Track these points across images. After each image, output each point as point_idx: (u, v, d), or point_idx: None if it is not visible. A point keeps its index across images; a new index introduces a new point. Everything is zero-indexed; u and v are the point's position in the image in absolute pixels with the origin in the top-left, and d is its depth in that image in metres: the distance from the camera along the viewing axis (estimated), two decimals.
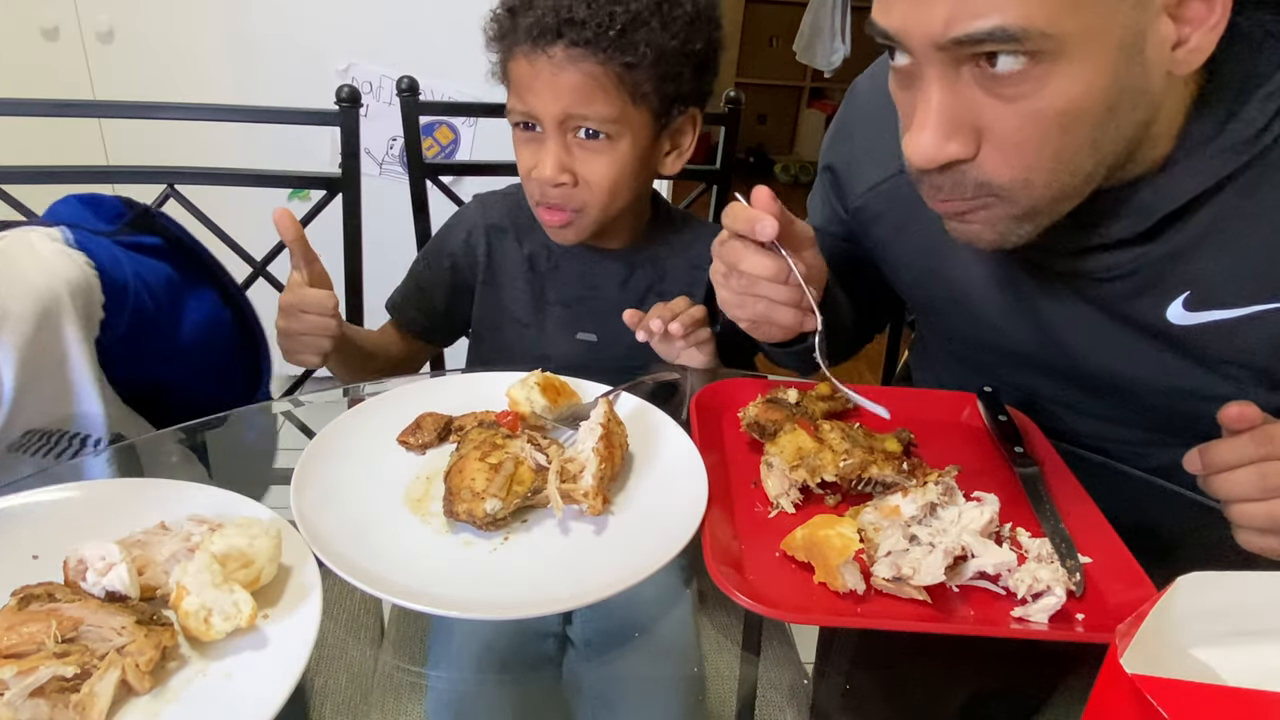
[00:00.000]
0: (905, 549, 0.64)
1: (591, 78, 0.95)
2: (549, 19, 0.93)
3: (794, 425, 0.77)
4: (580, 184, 1.00)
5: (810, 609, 0.63)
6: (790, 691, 0.61)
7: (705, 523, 0.68)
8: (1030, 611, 0.61)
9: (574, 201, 1.01)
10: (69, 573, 0.60)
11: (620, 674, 0.64)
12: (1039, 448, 0.82)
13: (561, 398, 0.85)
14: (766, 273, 0.77)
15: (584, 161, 0.99)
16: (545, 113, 0.97)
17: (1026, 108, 0.63)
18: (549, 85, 0.95)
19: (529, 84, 0.96)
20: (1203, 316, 0.76)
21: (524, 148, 1.02)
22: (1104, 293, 0.80)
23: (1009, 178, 0.67)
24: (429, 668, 0.62)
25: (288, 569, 0.62)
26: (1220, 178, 0.70)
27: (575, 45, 0.93)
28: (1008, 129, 0.64)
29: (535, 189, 1.02)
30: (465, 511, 0.68)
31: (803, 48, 4.22)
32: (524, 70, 0.97)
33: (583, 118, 0.96)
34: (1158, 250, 0.75)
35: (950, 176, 0.68)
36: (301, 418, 0.95)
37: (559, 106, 0.96)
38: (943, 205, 0.72)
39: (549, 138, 0.98)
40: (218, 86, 2.10)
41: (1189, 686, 0.38)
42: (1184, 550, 0.80)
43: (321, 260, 1.01)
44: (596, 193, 1.01)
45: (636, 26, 0.94)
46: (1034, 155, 0.65)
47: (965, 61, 0.63)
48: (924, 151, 0.66)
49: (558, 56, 0.94)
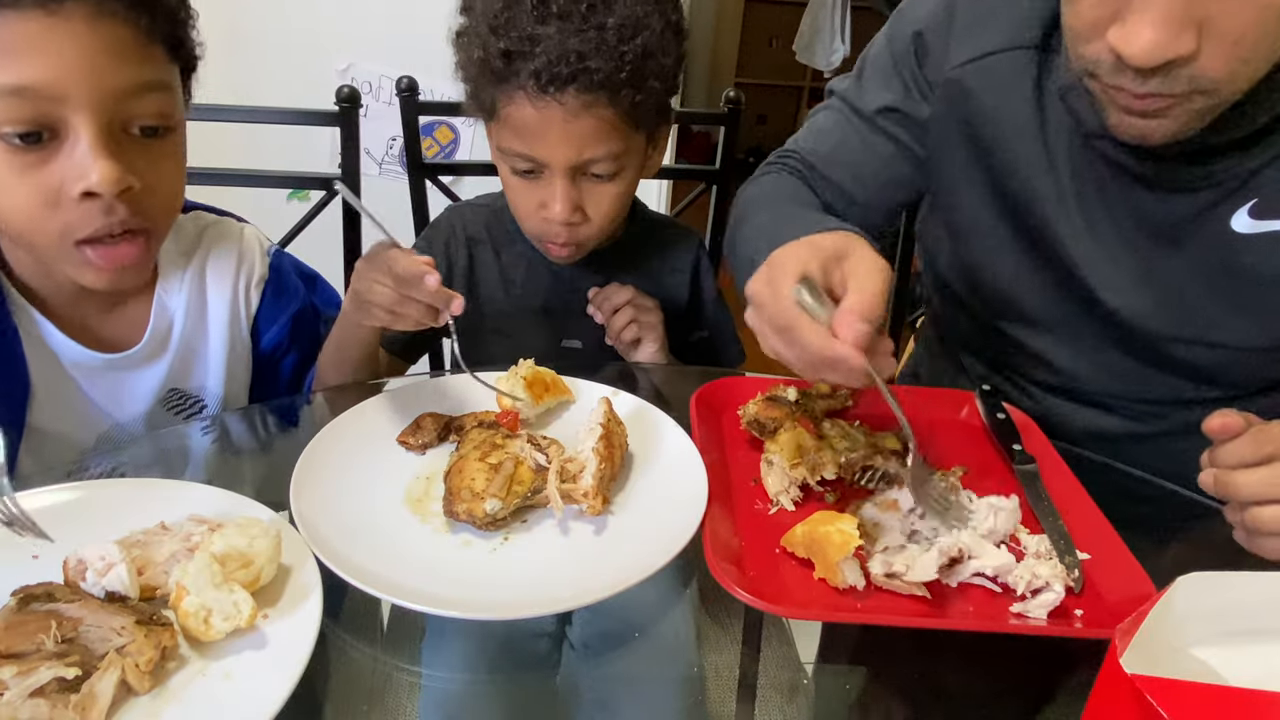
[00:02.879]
0: (901, 545, 0.64)
1: (605, 121, 0.91)
2: (561, 68, 0.87)
3: (795, 423, 0.77)
4: (586, 217, 0.98)
5: (810, 605, 0.63)
6: (790, 691, 0.60)
7: (706, 520, 0.68)
8: (1029, 607, 0.62)
9: (580, 235, 1.00)
10: (68, 573, 0.60)
11: (619, 675, 0.64)
12: (1037, 446, 0.82)
13: (550, 394, 0.85)
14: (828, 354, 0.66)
15: (592, 196, 0.97)
16: (555, 159, 0.93)
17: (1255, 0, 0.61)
18: (562, 133, 0.91)
19: (537, 131, 0.91)
20: (1266, 225, 0.76)
21: (525, 189, 0.98)
22: (1183, 205, 0.79)
23: (1224, 71, 0.65)
24: (422, 665, 0.62)
25: (287, 569, 0.62)
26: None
27: (588, 91, 0.89)
28: (1235, 21, 0.62)
29: (543, 229, 1.00)
30: (465, 511, 0.68)
31: (803, 48, 4.22)
32: (529, 117, 0.91)
33: (593, 160, 0.94)
34: (1247, 160, 0.75)
35: (1163, 73, 0.65)
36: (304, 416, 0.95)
37: (573, 153, 0.92)
38: (1139, 103, 0.69)
39: (556, 178, 0.94)
40: (218, 86, 2.10)
41: (1189, 686, 0.38)
42: (1182, 548, 0.80)
43: (321, 260, 1.01)
44: (602, 223, 0.99)
45: (645, 60, 0.91)
46: (1252, 47, 0.64)
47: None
48: (1150, 47, 0.63)
49: (570, 104, 0.89)
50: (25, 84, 0.68)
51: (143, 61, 0.74)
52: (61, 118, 0.70)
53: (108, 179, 0.71)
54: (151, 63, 0.75)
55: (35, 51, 0.68)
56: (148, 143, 0.76)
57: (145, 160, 0.75)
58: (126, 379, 0.89)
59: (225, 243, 0.94)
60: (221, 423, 0.91)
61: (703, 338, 1.18)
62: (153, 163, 0.76)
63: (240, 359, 0.95)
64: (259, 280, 0.96)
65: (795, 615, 0.64)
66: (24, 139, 0.70)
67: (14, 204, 0.72)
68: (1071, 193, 0.85)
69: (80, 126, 0.71)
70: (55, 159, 0.71)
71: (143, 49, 0.74)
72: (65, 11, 0.69)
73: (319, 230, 1.31)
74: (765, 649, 0.64)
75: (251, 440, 0.91)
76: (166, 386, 0.90)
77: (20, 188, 0.71)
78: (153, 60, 0.76)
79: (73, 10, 0.69)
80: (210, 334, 0.93)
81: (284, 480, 0.70)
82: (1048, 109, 0.84)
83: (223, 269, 0.93)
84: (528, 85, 0.89)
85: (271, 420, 0.94)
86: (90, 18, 0.70)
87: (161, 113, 0.76)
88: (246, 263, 0.95)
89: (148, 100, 0.75)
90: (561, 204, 0.95)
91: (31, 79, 0.68)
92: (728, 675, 0.62)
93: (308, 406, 0.97)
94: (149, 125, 0.75)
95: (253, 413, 0.95)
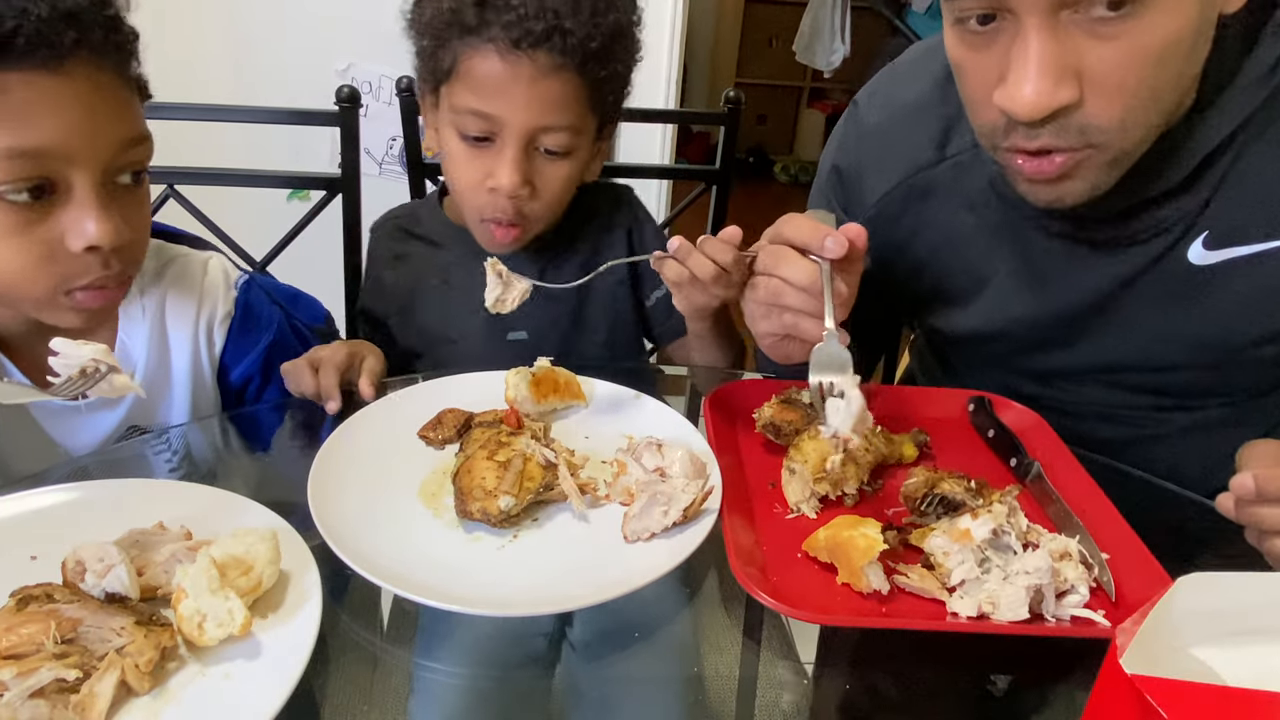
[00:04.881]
0: (977, 577, 0.63)
1: (569, 88, 0.91)
2: (536, 24, 0.86)
3: (817, 430, 0.76)
4: (534, 194, 0.95)
5: (835, 610, 0.63)
6: (790, 691, 0.60)
7: (726, 524, 0.68)
8: (1055, 610, 0.61)
9: (526, 212, 0.96)
10: (67, 574, 0.60)
11: (619, 675, 0.64)
12: (1048, 446, 0.81)
13: (556, 394, 0.85)
14: (802, 279, 0.75)
15: (541, 172, 0.95)
16: (515, 120, 0.90)
17: (1129, 45, 0.63)
18: (526, 92, 0.89)
19: (500, 88, 0.89)
20: (1223, 254, 0.76)
21: (472, 158, 0.94)
22: (1137, 255, 0.80)
23: (1110, 119, 0.66)
24: (422, 664, 0.62)
25: (288, 574, 0.62)
26: (1245, 116, 0.71)
27: (559, 54, 0.88)
28: (1110, 69, 0.64)
29: (488, 202, 0.96)
30: (480, 510, 0.68)
31: (803, 48, 4.22)
32: (495, 71, 0.88)
33: (551, 129, 0.92)
34: (1192, 199, 0.75)
35: (1053, 124, 0.67)
36: None
37: (531, 115, 0.90)
38: (1034, 164, 0.70)
39: (508, 146, 0.91)
40: (218, 86, 2.10)
41: (1189, 686, 0.37)
42: (1184, 550, 0.80)
43: (321, 260, 1.00)
44: (549, 204, 0.97)
45: (614, 40, 0.91)
46: (1133, 94, 0.65)
47: (1066, 5, 0.63)
48: (1031, 100, 0.65)
49: (540, 63, 0.88)
50: (32, 146, 0.68)
51: (132, 114, 0.76)
52: (62, 174, 0.70)
53: (108, 233, 0.72)
54: (135, 112, 0.76)
55: (41, 113, 0.68)
56: (131, 190, 0.77)
57: (130, 208, 0.76)
58: (86, 420, 0.87)
59: (185, 281, 0.92)
60: (224, 425, 0.91)
61: (661, 297, 1.13)
62: (135, 209, 0.77)
63: (205, 396, 0.93)
64: (223, 318, 0.94)
65: (820, 620, 0.64)
66: (27, 195, 0.69)
67: (6, 258, 0.71)
68: (1024, 276, 0.87)
69: (78, 181, 0.71)
70: (52, 214, 0.71)
71: (129, 100, 0.76)
72: (68, 70, 0.69)
73: (319, 230, 1.31)
74: (765, 649, 0.64)
75: (252, 441, 0.91)
76: (126, 425, 0.89)
77: (14, 243, 0.71)
78: (134, 109, 0.76)
79: (74, 68, 0.69)
80: (174, 373, 0.91)
81: (284, 481, 0.70)
82: (978, 209, 0.87)
83: (183, 309, 0.91)
84: (499, 38, 0.87)
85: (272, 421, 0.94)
86: (91, 74, 0.71)
87: (144, 161, 0.78)
88: (208, 302, 0.93)
89: (135, 151, 0.76)
90: (512, 172, 0.91)
91: (39, 141, 0.68)
92: (728, 675, 0.62)
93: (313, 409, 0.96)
94: (134, 173, 0.76)
95: (254, 414, 0.95)
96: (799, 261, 0.76)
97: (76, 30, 0.69)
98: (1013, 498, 0.69)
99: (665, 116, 2.11)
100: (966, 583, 0.63)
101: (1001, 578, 0.62)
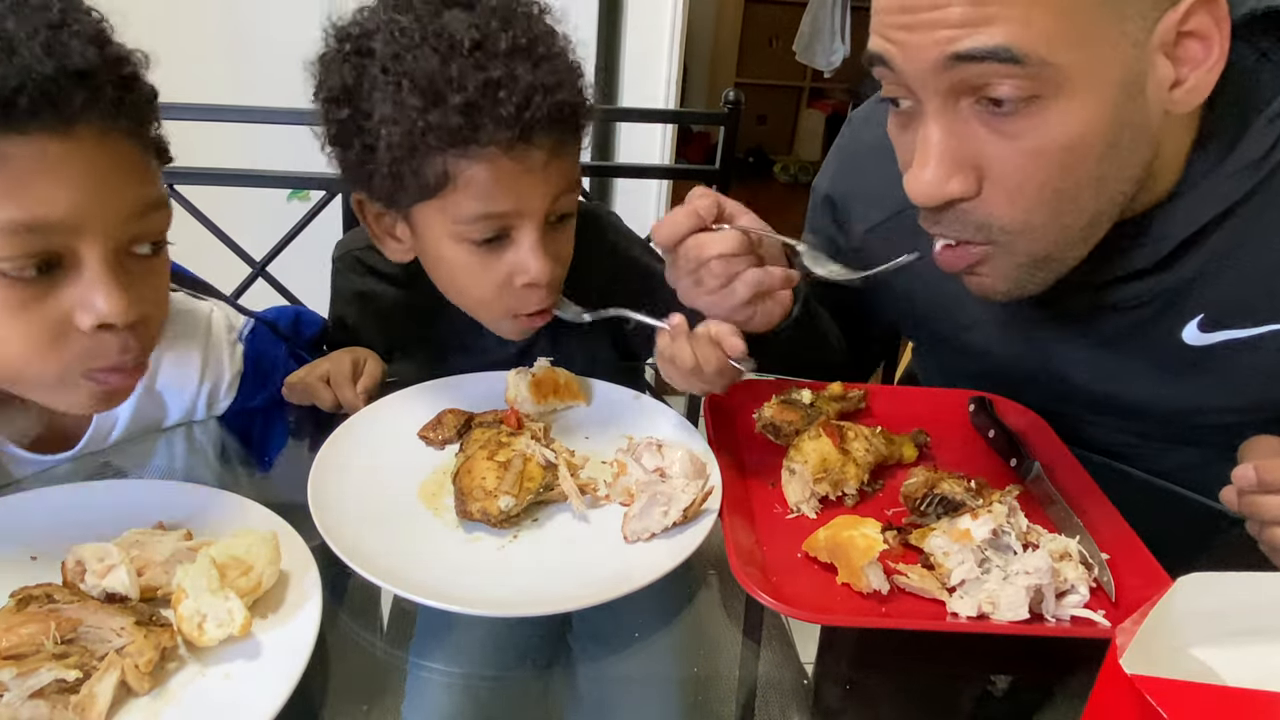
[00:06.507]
0: (977, 577, 0.63)
1: (573, 151, 0.85)
2: (535, 111, 0.77)
3: (818, 430, 0.76)
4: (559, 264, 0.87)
5: (835, 610, 0.63)
6: (790, 691, 0.60)
7: (726, 524, 0.68)
8: (1055, 610, 0.61)
9: (556, 287, 0.88)
10: (67, 574, 0.60)
11: (618, 675, 0.64)
12: (1049, 447, 0.81)
13: (557, 395, 0.85)
14: (733, 247, 0.73)
15: (556, 239, 0.86)
16: (532, 209, 0.81)
17: (1028, 145, 0.62)
18: (540, 179, 0.80)
19: (510, 185, 0.80)
20: (1218, 336, 0.75)
21: (487, 264, 0.84)
22: (1119, 322, 0.79)
23: (1010, 218, 0.66)
24: (421, 663, 0.62)
25: (288, 574, 0.62)
26: (1231, 202, 0.69)
27: (559, 125, 0.80)
28: (1009, 167, 0.64)
29: (520, 298, 0.86)
30: (480, 510, 0.68)
31: (803, 48, 4.22)
32: (503, 171, 0.79)
33: (563, 196, 0.84)
34: (1174, 276, 0.74)
35: (952, 214, 0.67)
36: None
37: (548, 197, 0.82)
38: (946, 254, 0.71)
39: (527, 236, 0.82)
40: (218, 86, 2.10)
41: (1189, 686, 0.38)
42: (1185, 550, 0.80)
43: (321, 260, 0.99)
44: (567, 263, 0.89)
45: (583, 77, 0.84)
46: (1035, 195, 0.65)
47: (965, 94, 0.62)
48: (925, 189, 0.65)
49: (547, 146, 0.80)
50: (38, 219, 0.60)
51: (147, 179, 0.68)
52: (70, 247, 0.63)
53: (120, 309, 0.64)
54: (152, 177, 0.69)
55: (47, 182, 0.61)
56: (148, 261, 0.69)
57: (146, 280, 0.68)
58: None
59: (186, 343, 0.85)
60: (221, 425, 0.91)
61: None
62: (153, 281, 0.70)
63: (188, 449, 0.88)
64: (232, 380, 0.88)
65: (820, 620, 0.64)
66: (33, 270, 0.62)
67: (9, 340, 0.64)
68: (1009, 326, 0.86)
69: (88, 254, 0.63)
70: (59, 290, 0.63)
71: (145, 164, 0.68)
72: (76, 134, 0.62)
73: (319, 230, 1.31)
74: (765, 649, 0.64)
75: (253, 441, 0.91)
76: None
77: (19, 323, 0.63)
78: (152, 174, 0.69)
79: (83, 131, 0.62)
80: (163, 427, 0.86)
81: (284, 481, 0.70)
82: None
83: (183, 372, 0.85)
84: (500, 136, 0.77)
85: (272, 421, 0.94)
86: (99, 137, 0.63)
87: (162, 230, 0.70)
88: (213, 365, 0.87)
89: (152, 219, 0.68)
90: (542, 260, 0.83)
91: (45, 214, 0.61)
92: (728, 675, 0.62)
93: None
94: (152, 243, 0.68)
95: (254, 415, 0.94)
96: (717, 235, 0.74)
97: (87, 90, 0.61)
98: (1013, 498, 0.69)
99: (665, 116, 2.11)
100: (966, 583, 0.63)
101: (1001, 578, 0.62)
